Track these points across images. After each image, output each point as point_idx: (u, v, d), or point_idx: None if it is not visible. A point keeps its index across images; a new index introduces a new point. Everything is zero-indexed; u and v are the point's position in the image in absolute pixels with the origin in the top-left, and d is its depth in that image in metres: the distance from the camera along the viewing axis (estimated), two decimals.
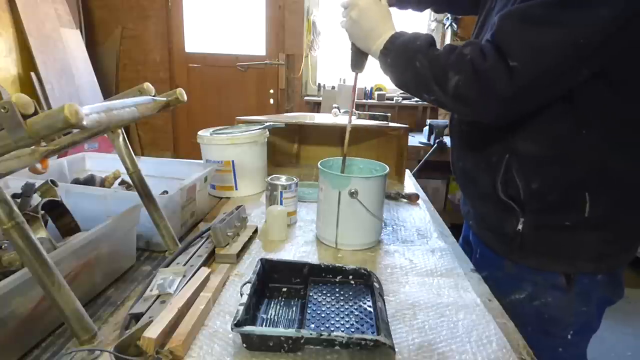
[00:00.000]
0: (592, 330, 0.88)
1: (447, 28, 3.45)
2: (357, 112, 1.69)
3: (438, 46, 0.79)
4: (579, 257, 0.81)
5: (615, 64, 0.70)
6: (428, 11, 1.10)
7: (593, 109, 0.74)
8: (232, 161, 1.20)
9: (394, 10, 0.92)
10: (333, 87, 3.48)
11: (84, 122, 0.47)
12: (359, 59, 0.92)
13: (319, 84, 3.71)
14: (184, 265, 0.78)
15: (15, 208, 0.52)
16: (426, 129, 3.15)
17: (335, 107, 1.71)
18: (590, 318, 0.85)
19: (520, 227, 0.83)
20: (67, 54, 3.07)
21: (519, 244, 0.84)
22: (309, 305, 0.69)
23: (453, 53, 0.75)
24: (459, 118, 0.95)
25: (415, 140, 3.17)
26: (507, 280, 0.87)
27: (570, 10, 0.65)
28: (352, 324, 0.65)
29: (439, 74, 0.75)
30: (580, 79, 0.70)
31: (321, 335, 0.57)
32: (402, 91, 3.68)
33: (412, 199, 1.27)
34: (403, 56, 0.81)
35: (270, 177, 1.06)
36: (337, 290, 0.74)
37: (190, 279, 0.73)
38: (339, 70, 3.64)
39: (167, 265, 0.77)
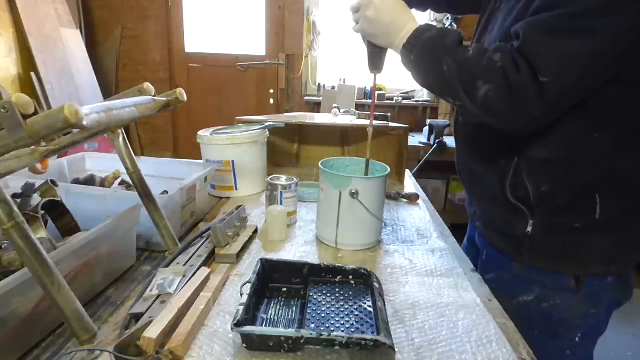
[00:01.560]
0: (600, 333, 0.87)
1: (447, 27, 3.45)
2: (357, 112, 1.69)
3: None
4: (589, 259, 0.81)
5: (629, 66, 0.69)
6: (428, 11, 1.10)
7: (605, 112, 0.73)
8: (232, 161, 1.20)
9: None
10: (333, 87, 3.48)
11: (84, 122, 0.47)
12: (376, 59, 0.89)
13: (319, 84, 3.71)
14: (184, 265, 0.78)
15: (15, 208, 0.52)
16: (426, 129, 3.15)
17: (335, 107, 1.70)
18: (598, 320, 0.85)
19: (529, 229, 0.82)
20: (67, 54, 3.07)
21: (528, 246, 0.84)
22: (309, 305, 0.69)
23: (483, 58, 0.71)
24: (464, 120, 0.94)
25: (415, 140, 3.17)
26: (515, 282, 0.87)
27: (595, 18, 0.64)
28: (352, 324, 0.65)
29: (467, 82, 0.72)
30: (599, 85, 0.70)
31: (321, 335, 0.57)
32: (402, 91, 3.69)
33: (412, 199, 1.27)
34: (429, 55, 0.77)
35: (270, 177, 1.06)
36: (337, 290, 0.74)
37: (190, 279, 0.73)
38: (339, 70, 3.64)
39: (167, 265, 0.77)
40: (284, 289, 0.76)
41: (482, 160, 0.89)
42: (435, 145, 2.96)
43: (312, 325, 0.64)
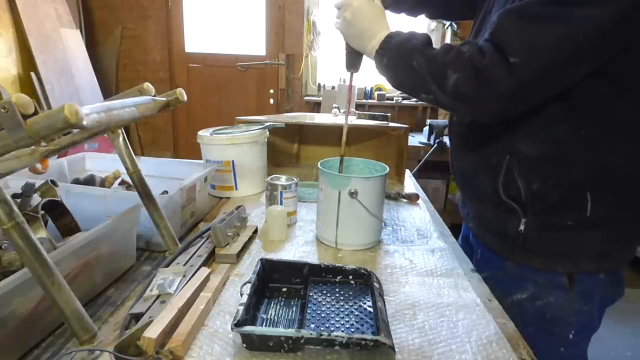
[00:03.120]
0: (593, 330, 0.88)
1: (447, 28, 3.46)
2: (357, 112, 1.69)
3: (437, 46, 0.79)
4: (582, 256, 0.81)
5: (614, 63, 0.70)
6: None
7: (592, 109, 0.74)
8: (232, 161, 1.20)
9: (388, 13, 0.91)
10: (333, 87, 3.48)
11: (84, 122, 0.47)
12: (353, 59, 0.92)
13: (319, 84, 3.71)
14: (184, 265, 0.78)
15: (15, 208, 0.52)
16: (426, 129, 3.15)
17: (335, 107, 1.71)
18: (591, 317, 0.85)
19: (522, 227, 0.83)
20: (67, 54, 3.07)
21: (521, 244, 0.84)
22: (309, 305, 0.69)
23: (451, 51, 0.74)
24: (458, 119, 0.95)
25: (415, 140, 3.17)
26: (509, 281, 0.87)
27: (569, 7, 0.66)
28: (352, 324, 0.65)
29: (437, 73, 0.74)
30: (579, 76, 0.71)
31: (321, 335, 0.57)
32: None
33: (412, 199, 1.27)
34: (399, 56, 0.79)
35: (270, 177, 1.06)
36: (337, 290, 0.74)
37: (190, 279, 0.73)
38: (339, 70, 3.63)
39: (167, 265, 0.77)
40: (284, 289, 0.76)
41: (475, 159, 0.89)
42: (435, 145, 2.96)
43: (312, 325, 0.64)
